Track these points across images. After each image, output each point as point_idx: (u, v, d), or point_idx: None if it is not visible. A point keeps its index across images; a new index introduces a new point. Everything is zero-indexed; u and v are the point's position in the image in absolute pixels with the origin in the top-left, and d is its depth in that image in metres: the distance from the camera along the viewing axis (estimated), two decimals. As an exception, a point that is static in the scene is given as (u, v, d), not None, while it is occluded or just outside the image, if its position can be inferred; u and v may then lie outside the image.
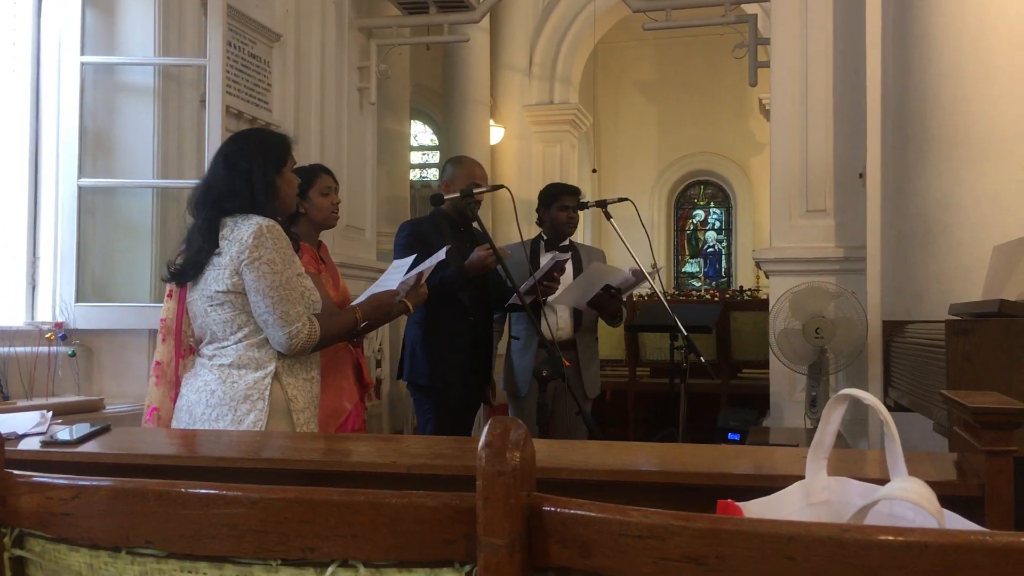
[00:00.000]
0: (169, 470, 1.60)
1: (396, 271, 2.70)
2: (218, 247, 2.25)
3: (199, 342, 2.37)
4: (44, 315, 3.58)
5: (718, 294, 10.94)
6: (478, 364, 3.57)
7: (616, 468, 1.49)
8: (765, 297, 6.77)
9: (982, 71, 3.16)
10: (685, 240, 15.02)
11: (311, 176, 2.87)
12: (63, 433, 1.75)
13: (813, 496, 1.07)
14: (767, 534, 0.66)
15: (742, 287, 12.10)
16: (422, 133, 12.40)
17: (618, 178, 13.66)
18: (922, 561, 0.62)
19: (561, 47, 9.39)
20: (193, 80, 3.90)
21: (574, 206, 3.84)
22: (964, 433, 1.38)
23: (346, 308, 2.57)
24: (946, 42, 3.23)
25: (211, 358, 2.30)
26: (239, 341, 2.27)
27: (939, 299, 3.10)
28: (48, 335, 3.42)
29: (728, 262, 14.72)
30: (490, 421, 0.79)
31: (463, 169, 3.61)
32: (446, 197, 3.37)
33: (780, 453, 1.70)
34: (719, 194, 14.78)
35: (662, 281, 3.95)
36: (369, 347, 5.18)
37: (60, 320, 3.54)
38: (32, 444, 1.70)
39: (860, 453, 1.93)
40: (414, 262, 2.70)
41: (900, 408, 3.29)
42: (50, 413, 1.93)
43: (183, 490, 0.85)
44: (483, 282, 3.47)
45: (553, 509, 0.75)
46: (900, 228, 3.50)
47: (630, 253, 3.50)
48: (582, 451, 1.63)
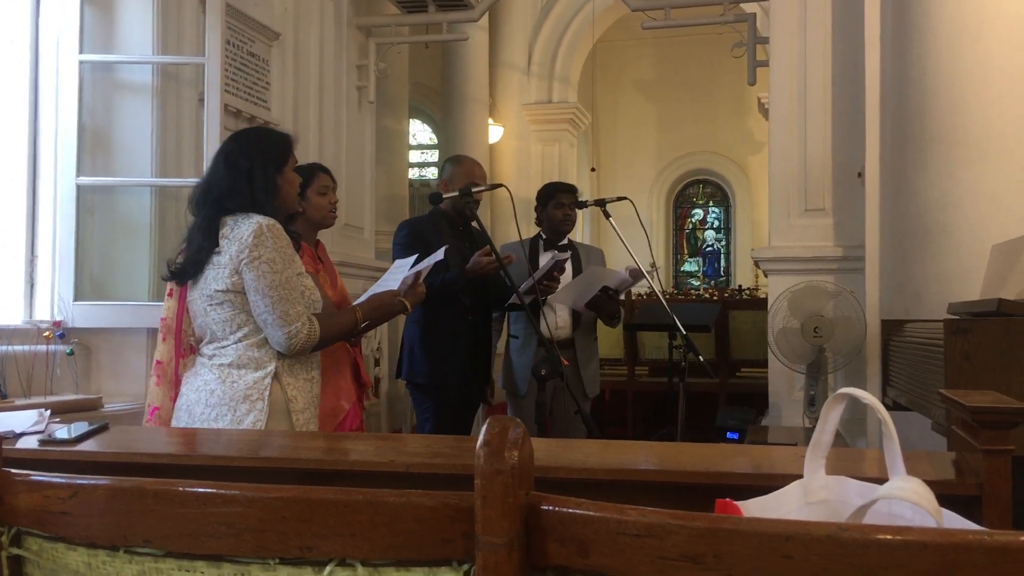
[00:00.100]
0: (167, 469, 1.60)
1: (398, 271, 2.69)
2: (218, 246, 2.23)
3: (199, 341, 2.35)
4: (42, 314, 3.57)
5: (717, 293, 10.94)
6: (477, 363, 3.57)
7: (614, 467, 1.49)
8: (764, 296, 6.77)
9: (980, 72, 3.16)
10: (684, 239, 15.03)
11: (309, 175, 2.87)
12: (61, 432, 1.75)
13: (811, 495, 1.07)
14: (765, 533, 0.66)
15: (741, 286, 12.11)
16: (421, 132, 12.39)
17: (617, 177, 13.67)
18: (921, 560, 0.62)
19: (560, 46, 9.39)
20: (192, 78, 3.90)
21: (570, 203, 3.84)
22: (962, 432, 1.38)
23: (347, 308, 2.56)
24: (945, 42, 3.23)
25: (211, 357, 2.28)
26: (239, 341, 2.26)
27: (937, 298, 3.10)
28: (46, 334, 3.42)
29: (727, 261, 14.73)
30: (488, 420, 0.79)
31: (462, 168, 3.61)
32: (445, 196, 3.37)
33: (778, 452, 1.70)
34: (718, 193, 14.79)
35: (660, 280, 3.95)
36: (367, 346, 5.18)
37: (58, 319, 3.53)
38: (30, 443, 1.70)
39: (858, 452, 1.93)
40: (415, 262, 2.69)
41: (898, 407, 3.29)
42: (48, 412, 1.93)
43: (181, 489, 0.85)
44: (483, 282, 3.47)
45: (551, 508, 0.75)
46: (899, 227, 3.50)
47: (629, 252, 3.50)
48: (580, 450, 1.63)
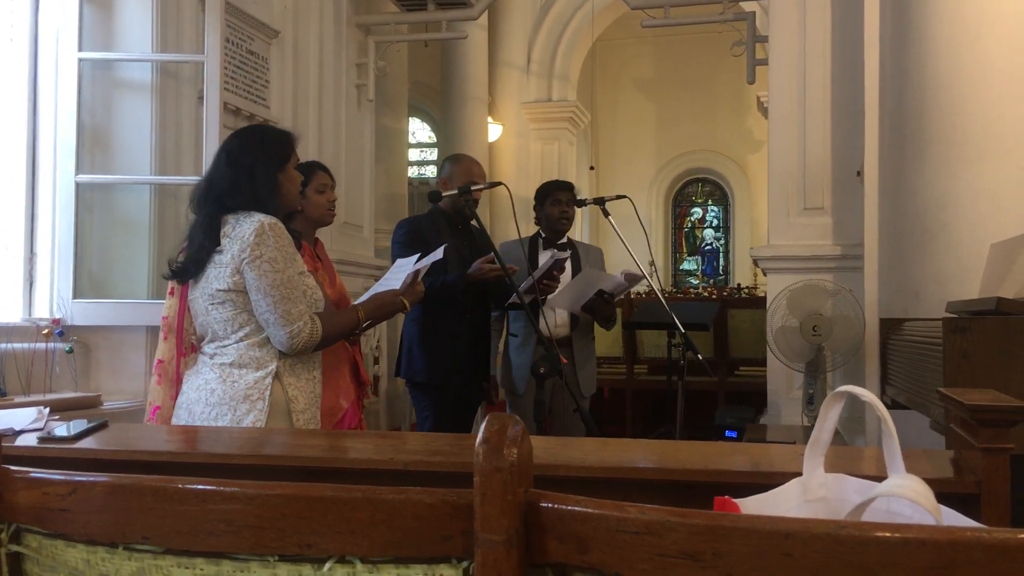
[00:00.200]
0: (166, 466, 1.60)
1: (399, 270, 2.68)
2: (220, 245, 2.22)
3: (200, 340, 2.34)
4: (41, 311, 3.58)
5: (716, 292, 10.92)
6: (476, 361, 3.57)
7: (613, 465, 1.49)
8: (763, 295, 6.77)
9: (980, 72, 3.16)
10: (683, 238, 15.04)
11: (308, 173, 2.86)
12: (60, 429, 1.75)
13: (810, 493, 1.07)
14: (764, 530, 0.66)
15: (740, 285, 12.09)
16: (420, 130, 12.38)
17: (616, 175, 13.67)
18: (919, 557, 0.62)
19: (559, 44, 9.39)
20: (191, 76, 3.90)
21: (567, 201, 3.85)
22: (961, 430, 1.38)
23: (349, 307, 2.55)
24: (944, 42, 3.23)
25: (212, 356, 2.27)
26: (240, 340, 2.25)
27: (936, 297, 3.10)
28: (45, 331, 3.42)
29: (726, 260, 14.73)
30: (487, 418, 0.79)
31: (460, 166, 3.61)
32: (444, 194, 3.37)
33: (777, 450, 1.70)
34: (717, 192, 14.79)
35: (659, 278, 3.95)
36: (366, 344, 5.18)
37: (57, 316, 3.53)
38: (29, 440, 1.70)
39: (857, 450, 1.93)
40: (416, 261, 2.69)
41: (897, 406, 3.29)
42: (47, 409, 1.93)
43: (180, 486, 0.85)
44: (482, 284, 3.47)
45: (550, 505, 0.75)
46: (898, 226, 3.50)
47: (628, 251, 3.50)
48: (579, 448, 1.63)
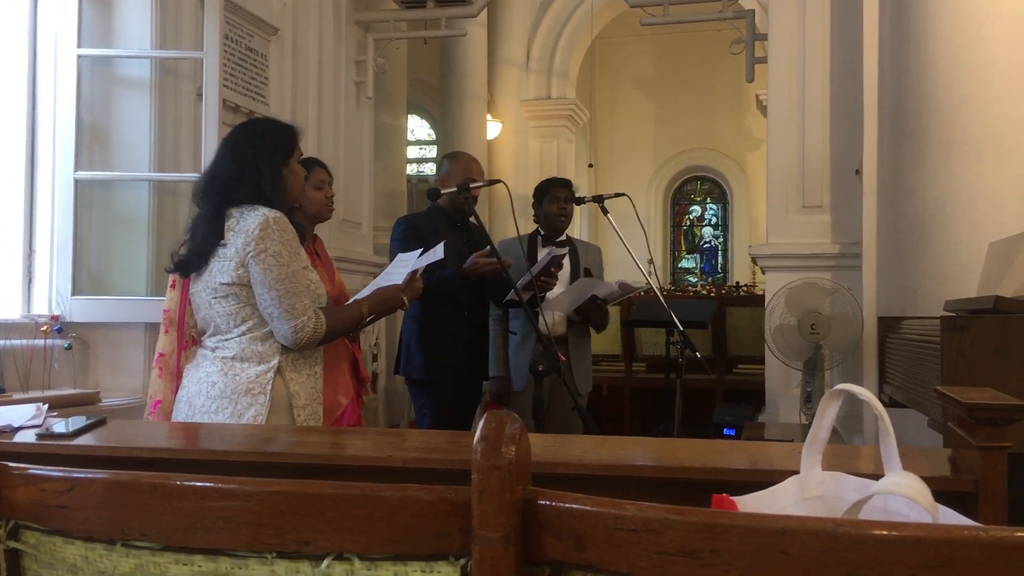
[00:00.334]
0: (164, 463, 1.60)
1: (400, 265, 2.67)
2: (223, 238, 2.20)
3: (202, 333, 2.33)
4: (40, 308, 3.57)
5: (714, 290, 10.91)
6: (474, 359, 3.57)
7: (611, 463, 1.49)
8: (761, 293, 6.76)
9: (979, 72, 3.16)
10: (681, 236, 15.03)
11: (305, 169, 2.86)
12: (59, 426, 1.75)
13: (808, 491, 1.07)
14: (762, 528, 0.66)
15: (738, 283, 12.08)
16: (419, 128, 12.37)
17: (615, 173, 13.66)
18: (916, 555, 0.62)
19: (558, 42, 9.38)
20: (190, 73, 3.89)
21: (565, 197, 3.85)
22: (958, 429, 1.38)
23: (352, 302, 2.54)
24: (943, 41, 3.23)
25: (214, 350, 2.26)
26: (243, 334, 2.23)
27: (934, 295, 3.11)
28: (44, 328, 3.42)
29: (724, 258, 14.72)
30: (485, 415, 0.79)
31: (459, 164, 3.61)
32: (443, 192, 3.36)
33: (775, 448, 1.70)
34: (716, 190, 14.78)
35: (658, 276, 3.95)
36: (365, 341, 5.18)
37: (56, 313, 3.53)
38: (28, 437, 1.70)
39: (855, 448, 1.93)
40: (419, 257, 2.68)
41: (895, 404, 3.30)
42: (46, 406, 1.93)
43: (178, 483, 0.85)
44: (479, 280, 3.46)
45: (548, 503, 0.75)
46: (896, 225, 3.50)
47: (626, 248, 3.50)
48: (577, 446, 1.63)
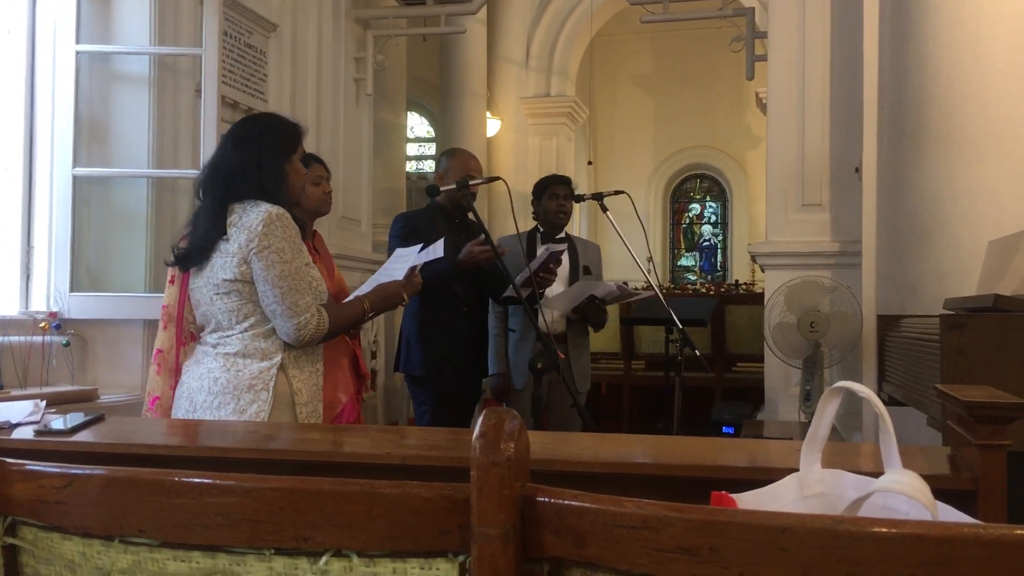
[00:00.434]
0: (163, 460, 1.60)
1: (400, 260, 2.67)
2: (225, 233, 2.18)
3: (200, 329, 2.31)
4: (38, 304, 3.57)
5: (713, 288, 10.92)
6: (474, 356, 3.57)
7: (610, 460, 1.49)
8: (760, 291, 6.77)
9: (979, 70, 3.16)
10: (681, 234, 15.03)
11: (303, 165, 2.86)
12: (57, 422, 1.75)
13: (807, 488, 1.07)
14: (761, 526, 0.66)
15: (737, 281, 12.10)
16: (418, 125, 12.35)
17: (614, 171, 13.65)
18: (916, 553, 0.62)
19: (558, 40, 9.37)
20: (189, 69, 3.89)
21: (564, 195, 3.85)
22: (958, 427, 1.38)
23: (353, 298, 2.52)
24: (943, 39, 3.23)
25: (215, 346, 2.24)
26: (245, 331, 2.22)
27: (934, 294, 3.11)
28: (42, 324, 3.41)
29: (724, 256, 14.72)
30: (484, 412, 0.79)
31: (457, 161, 3.61)
32: (441, 189, 3.36)
33: (774, 446, 1.70)
34: (715, 188, 14.78)
35: (657, 274, 3.95)
36: (365, 338, 5.18)
37: (54, 309, 3.53)
38: (26, 433, 1.69)
39: (854, 446, 1.93)
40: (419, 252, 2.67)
41: (894, 402, 3.30)
42: (44, 402, 1.92)
43: (176, 479, 0.85)
44: (476, 273, 3.46)
45: (547, 500, 0.75)
46: (896, 223, 3.50)
47: (626, 246, 3.50)
48: (576, 443, 1.63)
